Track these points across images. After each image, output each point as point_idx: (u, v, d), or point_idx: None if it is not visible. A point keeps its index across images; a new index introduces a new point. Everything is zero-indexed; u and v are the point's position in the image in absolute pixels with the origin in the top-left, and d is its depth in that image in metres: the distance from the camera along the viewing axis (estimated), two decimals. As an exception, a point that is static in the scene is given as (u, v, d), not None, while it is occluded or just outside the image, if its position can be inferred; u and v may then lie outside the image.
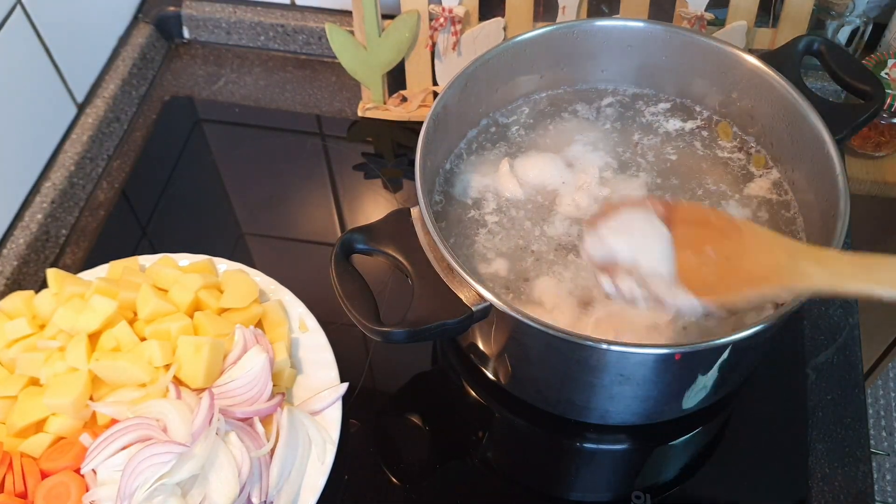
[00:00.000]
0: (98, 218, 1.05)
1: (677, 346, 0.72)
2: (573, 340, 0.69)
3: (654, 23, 0.92)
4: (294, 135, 1.14)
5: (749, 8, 1.03)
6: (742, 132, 0.92)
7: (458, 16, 1.04)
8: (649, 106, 0.95)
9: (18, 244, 0.97)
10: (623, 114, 0.95)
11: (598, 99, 0.96)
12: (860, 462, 0.83)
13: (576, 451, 0.86)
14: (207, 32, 1.23)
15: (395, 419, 0.88)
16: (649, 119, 0.94)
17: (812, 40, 0.89)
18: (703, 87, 0.93)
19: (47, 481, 0.74)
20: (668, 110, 0.95)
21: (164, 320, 0.82)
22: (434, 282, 0.74)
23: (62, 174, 1.04)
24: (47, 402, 0.77)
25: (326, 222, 1.05)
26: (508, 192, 0.88)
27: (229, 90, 1.19)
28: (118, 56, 1.16)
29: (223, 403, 0.77)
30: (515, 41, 0.90)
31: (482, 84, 0.90)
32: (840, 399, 0.87)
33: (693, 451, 0.86)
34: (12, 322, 0.83)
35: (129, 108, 1.16)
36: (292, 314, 0.89)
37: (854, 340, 0.91)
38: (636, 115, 0.95)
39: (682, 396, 0.79)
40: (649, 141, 0.92)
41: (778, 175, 0.89)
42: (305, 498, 0.77)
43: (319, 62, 1.22)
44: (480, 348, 0.83)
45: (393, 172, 1.09)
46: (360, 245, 0.78)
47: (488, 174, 0.89)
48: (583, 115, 0.95)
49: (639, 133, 0.93)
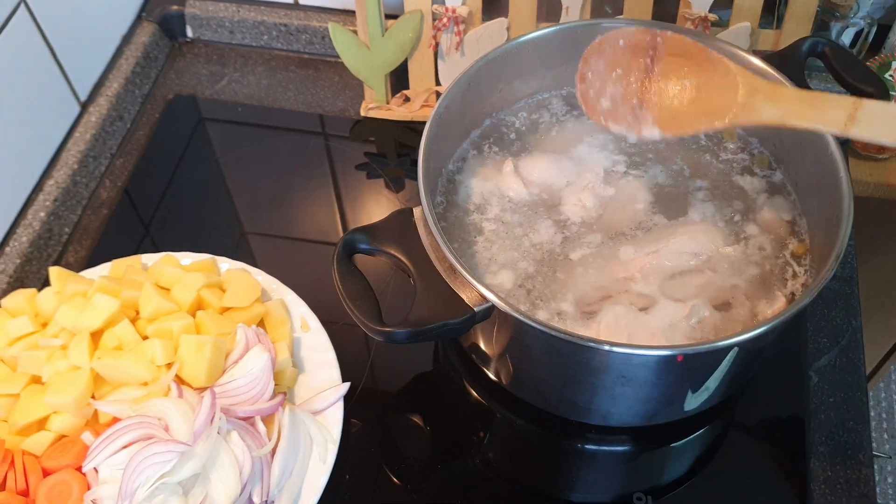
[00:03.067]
0: (101, 216, 1.05)
1: (679, 347, 0.72)
2: (575, 342, 0.69)
3: (658, 24, 0.91)
4: (297, 134, 1.14)
5: (753, 9, 1.03)
6: (746, 133, 0.92)
7: (462, 16, 1.04)
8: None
9: (21, 242, 0.97)
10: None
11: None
12: (862, 465, 0.83)
13: (577, 452, 0.86)
14: (211, 31, 1.23)
15: (396, 419, 0.88)
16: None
17: (816, 42, 0.89)
18: (706, 89, 0.93)
19: (49, 479, 0.74)
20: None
21: (167, 319, 0.82)
22: (436, 282, 0.74)
23: (65, 172, 1.04)
24: (49, 401, 0.77)
25: (328, 222, 1.05)
26: (512, 192, 0.87)
27: (232, 89, 1.19)
28: (122, 55, 1.16)
29: (225, 402, 0.77)
30: (519, 41, 0.90)
31: (485, 84, 0.90)
32: (842, 402, 0.87)
33: (695, 453, 0.86)
34: (15, 320, 0.83)
35: (133, 106, 1.16)
36: (294, 313, 0.89)
37: (857, 343, 0.91)
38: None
39: (684, 398, 0.79)
40: (653, 143, 0.92)
41: (781, 176, 0.89)
42: (307, 497, 0.77)
43: (322, 62, 1.22)
44: (482, 349, 0.83)
45: (395, 172, 1.09)
46: (362, 245, 0.78)
47: (491, 175, 0.89)
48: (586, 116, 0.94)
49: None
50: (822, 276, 0.71)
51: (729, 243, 0.84)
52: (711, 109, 0.70)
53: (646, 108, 0.73)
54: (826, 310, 0.93)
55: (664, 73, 0.72)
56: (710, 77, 0.71)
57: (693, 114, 0.71)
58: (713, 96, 0.70)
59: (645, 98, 0.73)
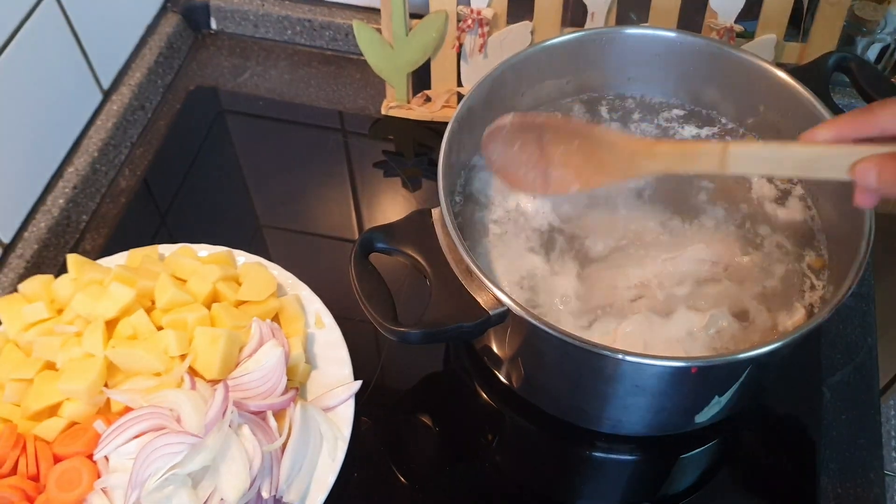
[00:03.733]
0: (119, 205, 1.05)
1: (694, 359, 0.72)
2: (589, 349, 0.68)
3: (683, 33, 0.91)
4: (316, 130, 1.14)
5: (779, 21, 1.03)
6: (767, 146, 0.92)
7: (487, 18, 1.04)
8: (674, 115, 0.95)
9: (40, 228, 0.98)
10: (648, 123, 0.94)
11: (623, 107, 0.96)
12: (873, 484, 0.82)
13: (586, 459, 0.86)
14: (235, 24, 1.23)
15: (406, 418, 0.88)
16: (674, 129, 0.94)
17: (842, 56, 0.89)
18: (729, 99, 0.93)
19: (60, 465, 0.74)
20: (693, 121, 0.94)
21: (182, 310, 0.83)
22: (452, 284, 0.74)
23: (85, 160, 1.04)
24: (62, 387, 0.77)
25: (344, 218, 1.05)
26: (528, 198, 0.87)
27: (254, 83, 1.19)
28: (145, 45, 1.17)
29: (237, 396, 0.78)
30: (543, 46, 0.90)
31: (508, 87, 0.90)
32: (855, 419, 0.87)
33: (704, 465, 0.86)
34: (31, 305, 0.83)
35: (154, 96, 1.16)
36: (308, 309, 0.89)
37: (871, 360, 0.90)
38: (661, 125, 0.94)
39: (696, 410, 0.78)
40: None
41: (802, 191, 0.88)
42: (315, 493, 0.77)
43: (345, 59, 1.22)
44: (494, 351, 0.83)
45: (413, 171, 1.09)
46: (379, 244, 0.78)
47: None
48: (607, 123, 0.94)
49: (663, 143, 0.93)
50: (843, 292, 0.70)
51: (746, 252, 0.83)
52: (604, 167, 0.77)
53: (550, 170, 0.80)
54: (841, 326, 0.93)
55: (554, 143, 0.79)
56: (595, 144, 0.77)
57: (590, 171, 0.78)
58: (602, 158, 0.77)
59: (546, 162, 0.80)
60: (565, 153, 0.79)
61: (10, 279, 0.94)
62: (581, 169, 0.78)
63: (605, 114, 0.95)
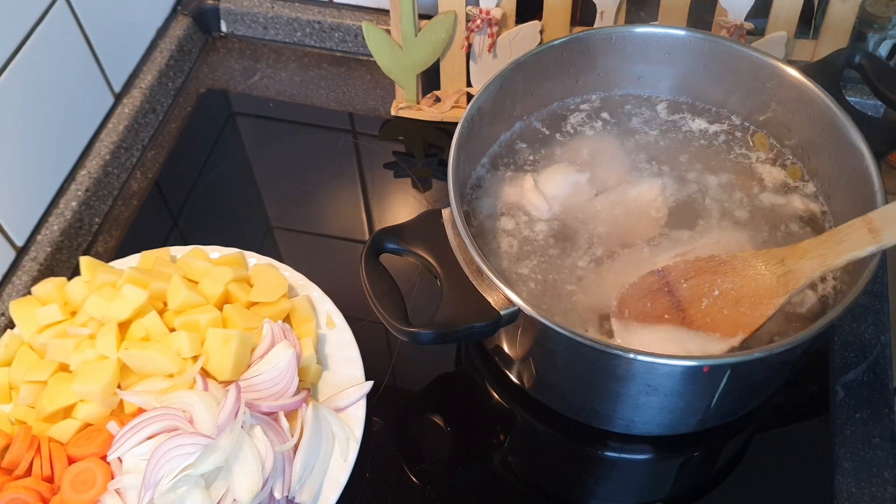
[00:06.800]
0: (131, 207, 1.06)
1: (706, 358, 0.72)
2: (601, 349, 0.68)
3: (693, 31, 0.91)
4: (326, 131, 1.15)
5: (790, 19, 1.02)
6: (779, 143, 0.91)
7: (496, 18, 1.04)
8: (685, 115, 0.95)
9: (52, 231, 0.98)
10: (658, 122, 0.94)
11: (633, 106, 0.96)
12: (888, 483, 0.82)
13: (598, 459, 0.86)
14: (244, 27, 1.24)
15: (417, 419, 0.89)
16: (685, 128, 0.94)
17: (854, 53, 0.88)
18: (740, 97, 0.92)
19: (74, 467, 0.75)
20: (704, 119, 0.94)
21: (194, 312, 0.83)
22: (463, 284, 0.74)
23: (97, 163, 1.05)
24: (76, 389, 0.78)
25: (355, 219, 1.05)
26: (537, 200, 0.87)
27: (264, 85, 1.19)
28: (156, 48, 1.17)
29: (249, 397, 0.78)
30: (552, 45, 0.90)
31: (517, 87, 0.90)
32: (868, 418, 0.86)
33: (717, 465, 0.86)
34: (44, 308, 0.84)
35: (165, 99, 1.17)
36: (320, 310, 0.89)
37: (885, 359, 0.90)
38: (672, 124, 0.94)
39: (708, 409, 0.78)
40: (685, 150, 0.92)
41: (814, 188, 0.88)
42: (327, 494, 0.77)
43: (355, 60, 1.22)
44: (506, 351, 0.83)
45: (423, 172, 1.09)
46: (390, 244, 0.78)
47: (518, 180, 0.89)
48: (617, 122, 0.94)
49: (674, 142, 0.93)
50: (856, 290, 0.70)
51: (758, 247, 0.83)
52: (759, 298, 0.71)
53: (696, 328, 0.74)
54: (855, 324, 0.92)
55: (692, 296, 0.74)
56: (737, 275, 0.72)
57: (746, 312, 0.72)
58: (752, 288, 0.71)
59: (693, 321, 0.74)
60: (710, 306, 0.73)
61: (23, 282, 0.94)
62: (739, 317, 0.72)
63: (615, 114, 0.95)
